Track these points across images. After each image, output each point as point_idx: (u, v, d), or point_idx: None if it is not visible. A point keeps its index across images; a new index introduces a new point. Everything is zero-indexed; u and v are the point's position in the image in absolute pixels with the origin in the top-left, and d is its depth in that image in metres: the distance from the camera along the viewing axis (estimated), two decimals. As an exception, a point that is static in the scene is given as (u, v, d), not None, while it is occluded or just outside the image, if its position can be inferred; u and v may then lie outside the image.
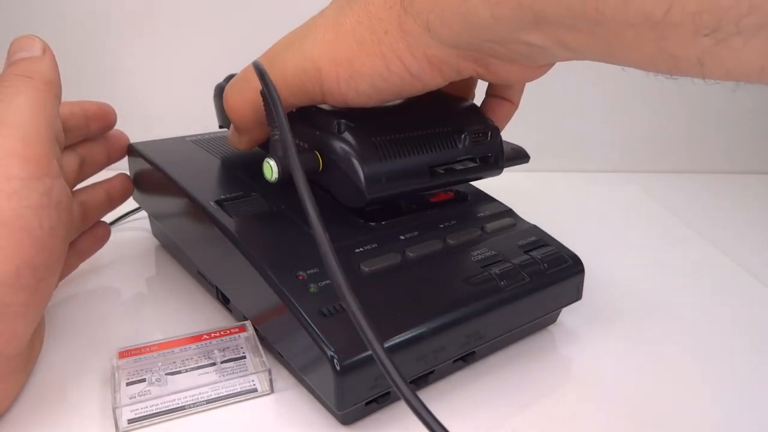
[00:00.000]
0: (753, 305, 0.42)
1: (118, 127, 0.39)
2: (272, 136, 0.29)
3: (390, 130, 0.31)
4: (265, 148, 0.39)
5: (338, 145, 0.30)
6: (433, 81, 0.28)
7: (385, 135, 0.31)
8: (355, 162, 0.30)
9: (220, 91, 0.39)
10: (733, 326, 0.39)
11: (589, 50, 0.23)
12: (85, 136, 0.36)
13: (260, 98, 0.30)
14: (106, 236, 0.39)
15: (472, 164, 0.35)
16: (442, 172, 0.34)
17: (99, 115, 0.37)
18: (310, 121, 0.32)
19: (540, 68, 0.28)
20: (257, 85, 0.29)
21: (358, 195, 0.30)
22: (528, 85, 0.64)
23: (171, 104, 0.60)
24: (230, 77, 0.39)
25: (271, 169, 0.30)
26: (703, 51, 0.20)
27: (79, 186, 0.37)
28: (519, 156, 0.39)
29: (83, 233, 0.37)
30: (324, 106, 0.32)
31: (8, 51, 0.29)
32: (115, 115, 0.38)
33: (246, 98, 0.31)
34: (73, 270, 0.38)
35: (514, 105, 0.35)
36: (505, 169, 0.36)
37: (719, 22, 0.18)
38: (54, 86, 0.29)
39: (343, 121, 0.30)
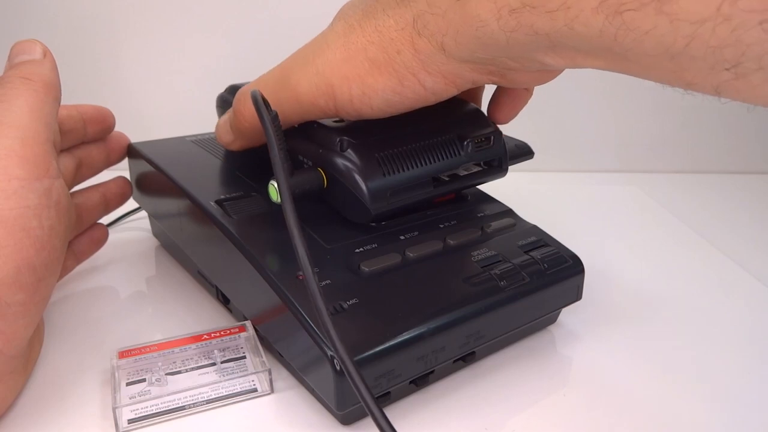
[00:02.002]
0: (753, 305, 0.42)
1: (118, 127, 0.39)
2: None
3: (392, 143, 0.32)
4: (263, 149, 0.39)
5: (341, 163, 0.30)
6: (447, 93, 0.28)
7: (388, 149, 0.31)
8: (359, 180, 0.30)
9: (221, 102, 0.39)
10: (733, 326, 0.39)
11: (605, 68, 0.23)
12: (82, 139, 0.36)
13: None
14: (103, 239, 0.39)
15: (476, 169, 0.35)
16: (446, 179, 0.34)
17: (96, 119, 0.37)
18: (313, 138, 0.32)
19: (554, 72, 0.28)
20: (269, 95, 0.29)
21: (364, 211, 0.31)
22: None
23: (171, 104, 0.60)
24: (231, 87, 0.39)
25: (276, 191, 0.30)
26: (720, 82, 0.19)
27: (76, 188, 0.37)
28: (523, 153, 0.39)
29: (80, 235, 0.37)
30: (327, 123, 0.32)
31: (9, 54, 0.29)
32: (113, 118, 0.38)
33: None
34: (70, 272, 0.38)
35: (529, 92, 0.34)
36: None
37: (741, 58, 0.18)
38: (53, 89, 0.29)
39: (345, 138, 0.31)
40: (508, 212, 0.38)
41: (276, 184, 0.30)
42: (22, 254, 0.25)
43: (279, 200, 0.30)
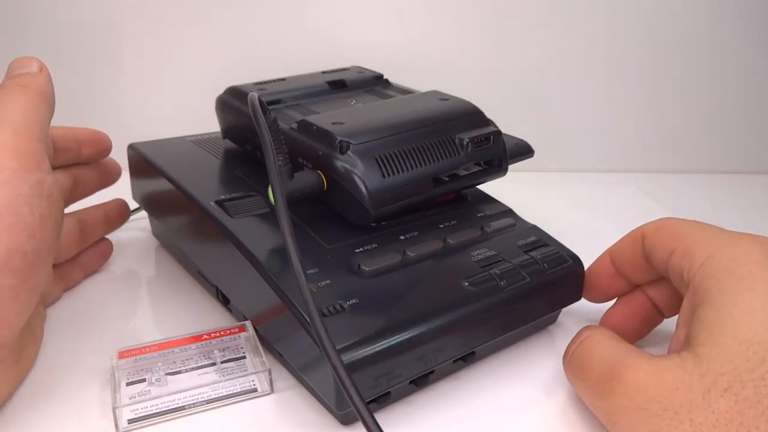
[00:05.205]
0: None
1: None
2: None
3: (392, 144, 0.31)
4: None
5: (341, 165, 0.30)
6: None
7: (387, 150, 0.31)
8: (359, 181, 0.30)
9: (221, 104, 0.40)
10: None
11: None
12: (77, 159, 0.38)
13: None
14: (109, 252, 0.42)
15: (476, 169, 0.35)
16: (446, 179, 0.34)
17: (92, 141, 0.38)
18: (312, 140, 0.32)
19: None
20: None
21: (364, 213, 0.31)
22: (527, 86, 0.64)
23: (171, 104, 0.60)
24: (230, 89, 0.39)
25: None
26: None
27: (80, 206, 0.39)
28: (523, 152, 0.39)
29: (87, 248, 0.39)
30: (325, 125, 0.32)
31: (8, 69, 0.31)
32: (109, 142, 0.39)
33: None
34: (77, 284, 0.39)
35: None
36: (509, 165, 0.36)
37: None
38: (47, 96, 0.30)
39: (345, 140, 0.30)
40: (508, 212, 0.38)
41: None
42: (13, 239, 0.26)
43: None
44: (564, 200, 0.59)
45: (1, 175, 0.26)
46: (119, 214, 0.42)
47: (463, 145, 0.33)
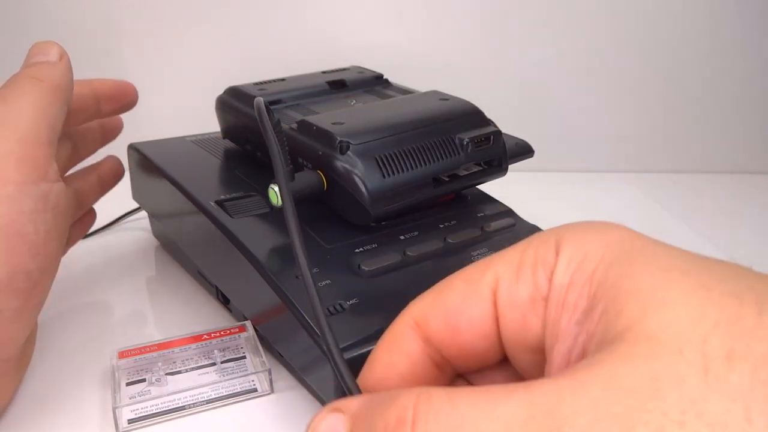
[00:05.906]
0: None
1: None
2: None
3: (392, 144, 0.31)
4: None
5: (341, 165, 0.30)
6: None
7: (387, 150, 0.31)
8: (359, 182, 0.30)
9: (221, 104, 0.39)
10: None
11: None
12: (95, 116, 0.35)
13: None
14: (92, 221, 0.38)
15: (476, 169, 0.35)
16: (446, 179, 0.34)
17: (114, 96, 0.35)
18: (312, 140, 0.32)
19: None
20: None
21: (364, 213, 0.31)
22: (527, 86, 0.64)
23: (171, 104, 0.60)
24: (230, 89, 0.39)
25: (276, 195, 0.30)
26: None
27: (71, 171, 0.36)
28: (523, 151, 0.39)
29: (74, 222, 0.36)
30: (325, 125, 0.32)
31: (27, 54, 0.29)
32: (135, 93, 0.36)
33: None
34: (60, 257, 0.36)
35: None
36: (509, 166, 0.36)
37: None
38: (63, 92, 0.28)
39: (345, 140, 0.30)
40: (508, 212, 0.38)
41: (276, 189, 0.30)
42: (16, 260, 0.24)
43: (279, 204, 0.30)
44: (564, 200, 0.59)
45: (4, 191, 0.25)
46: (113, 174, 0.38)
47: (463, 145, 0.33)
